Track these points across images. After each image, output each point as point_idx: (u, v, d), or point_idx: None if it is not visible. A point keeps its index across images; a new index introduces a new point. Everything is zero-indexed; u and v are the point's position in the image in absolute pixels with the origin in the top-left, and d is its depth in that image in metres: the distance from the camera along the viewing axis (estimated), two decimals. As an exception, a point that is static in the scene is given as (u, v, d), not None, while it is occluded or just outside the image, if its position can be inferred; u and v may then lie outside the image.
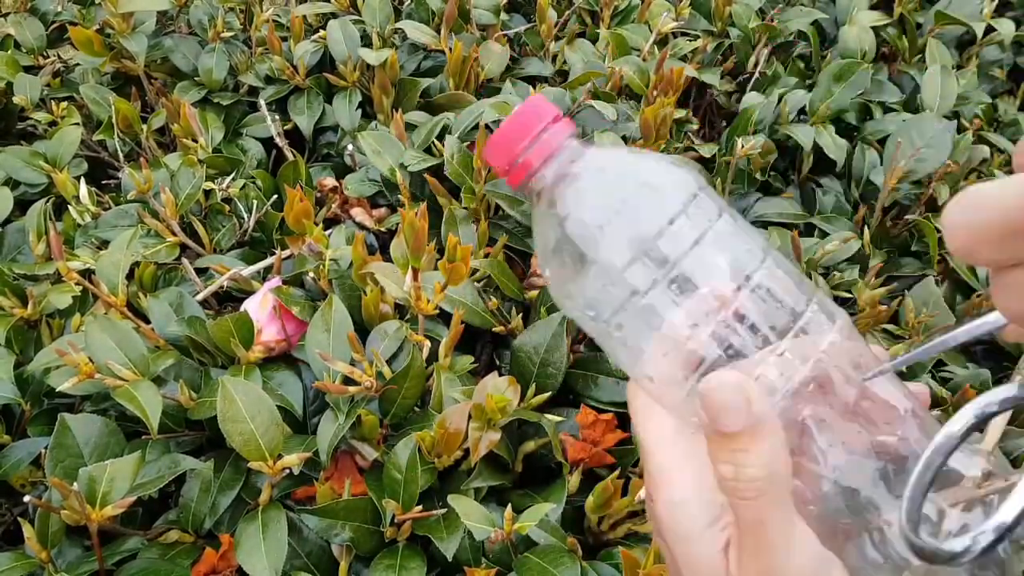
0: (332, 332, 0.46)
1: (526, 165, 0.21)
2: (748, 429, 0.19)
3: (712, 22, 0.79)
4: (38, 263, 0.55)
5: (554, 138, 0.21)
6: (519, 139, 0.21)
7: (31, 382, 0.48)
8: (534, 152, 0.21)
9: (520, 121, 0.21)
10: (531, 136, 0.21)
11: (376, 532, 0.42)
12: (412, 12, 0.74)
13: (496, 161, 0.22)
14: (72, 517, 0.38)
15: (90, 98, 0.68)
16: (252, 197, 0.61)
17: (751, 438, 0.19)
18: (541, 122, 0.21)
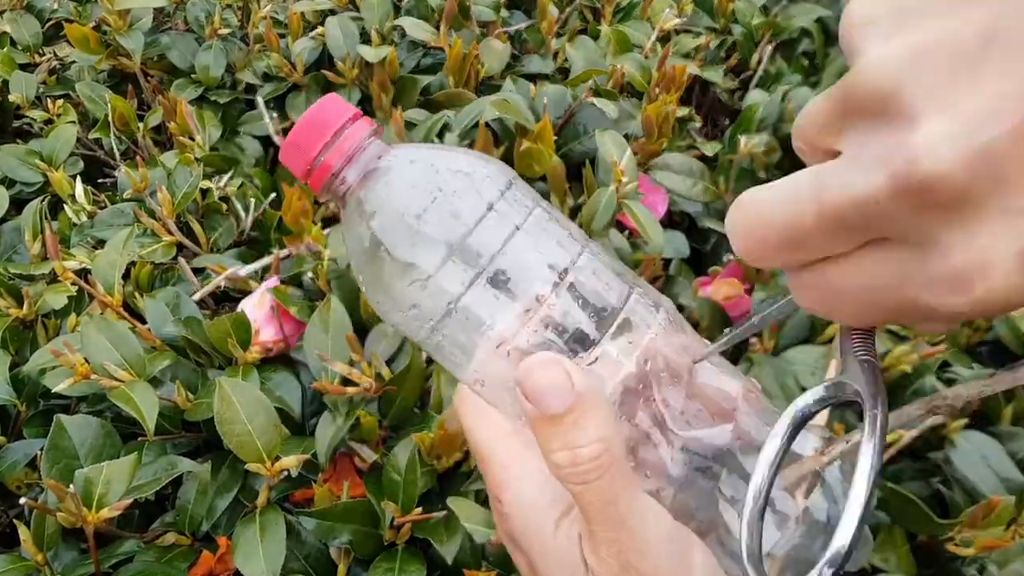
0: (331, 332, 0.45)
1: (326, 167, 0.20)
2: (575, 406, 0.18)
3: (715, 19, 0.79)
4: (34, 263, 0.54)
5: (353, 136, 0.20)
6: (316, 140, 0.19)
7: (27, 383, 0.47)
8: (333, 152, 0.19)
9: (316, 121, 0.20)
10: (328, 136, 0.19)
11: (375, 535, 0.42)
12: (411, 9, 0.74)
13: (294, 165, 0.20)
14: (68, 519, 0.38)
15: (86, 96, 0.68)
16: (250, 196, 0.60)
17: (580, 415, 0.18)
18: (338, 121, 0.20)
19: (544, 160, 0.54)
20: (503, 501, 0.21)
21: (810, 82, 0.74)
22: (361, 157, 0.20)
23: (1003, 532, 0.41)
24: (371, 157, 0.20)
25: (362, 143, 0.20)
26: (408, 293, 0.19)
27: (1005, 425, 0.48)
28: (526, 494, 0.20)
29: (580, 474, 0.18)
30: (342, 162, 0.20)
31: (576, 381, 0.18)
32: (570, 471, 0.18)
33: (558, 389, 0.18)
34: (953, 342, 0.52)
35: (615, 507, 0.18)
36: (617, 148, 0.54)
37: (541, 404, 0.18)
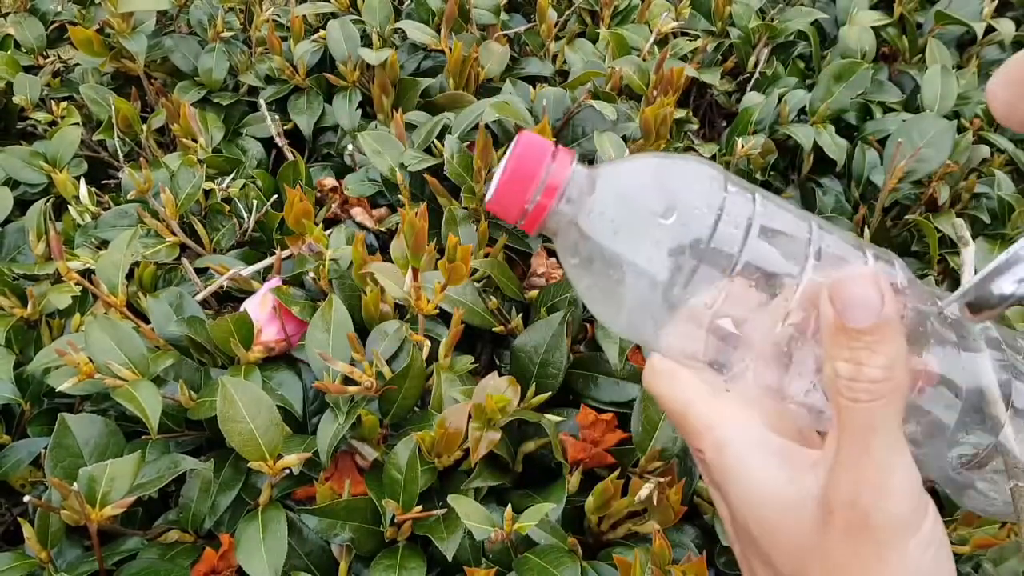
0: (332, 332, 0.46)
1: (540, 208, 0.20)
2: (876, 327, 0.18)
3: (712, 22, 0.79)
4: (38, 263, 0.55)
5: (560, 171, 0.20)
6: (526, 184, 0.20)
7: (31, 382, 0.48)
8: (544, 192, 0.20)
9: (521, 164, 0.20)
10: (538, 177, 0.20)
11: (376, 532, 0.42)
12: (412, 12, 0.74)
13: (505, 213, 0.21)
14: (72, 517, 0.38)
15: (90, 98, 0.68)
16: (252, 197, 0.61)
17: (878, 337, 0.18)
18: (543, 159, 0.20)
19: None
20: (703, 448, 0.20)
21: (806, 84, 0.75)
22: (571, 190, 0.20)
23: (998, 530, 0.41)
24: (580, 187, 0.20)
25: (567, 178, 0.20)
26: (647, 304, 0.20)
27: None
28: (727, 436, 0.20)
29: (855, 390, 0.18)
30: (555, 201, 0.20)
31: (887, 304, 0.18)
32: (847, 383, 0.18)
33: (868, 306, 0.18)
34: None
35: (873, 436, 0.18)
36: (615, 150, 0.54)
37: (845, 313, 0.18)
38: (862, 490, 0.18)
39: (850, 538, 0.18)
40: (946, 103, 0.69)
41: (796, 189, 0.71)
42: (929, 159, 0.64)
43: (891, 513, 0.18)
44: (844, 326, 0.18)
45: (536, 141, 0.21)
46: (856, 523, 0.18)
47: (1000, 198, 0.64)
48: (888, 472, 0.18)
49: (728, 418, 0.20)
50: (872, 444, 0.18)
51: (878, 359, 0.18)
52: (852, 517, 0.18)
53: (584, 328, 0.52)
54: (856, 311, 0.18)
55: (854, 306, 0.18)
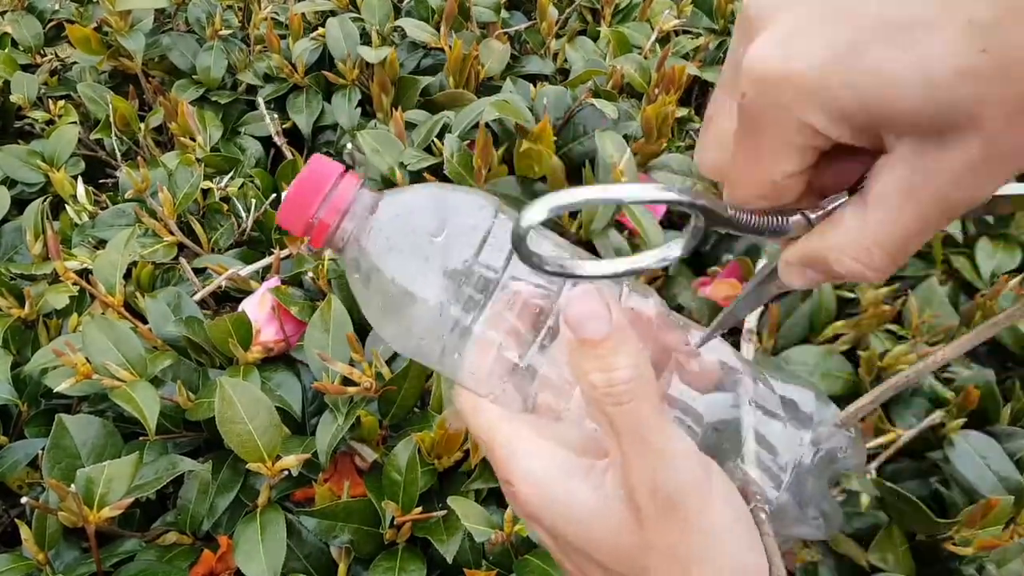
0: (331, 332, 0.46)
1: (323, 225, 0.21)
2: (612, 335, 0.19)
3: (714, 20, 0.79)
4: (35, 263, 0.55)
5: (345, 191, 0.21)
6: (310, 200, 0.21)
7: (28, 383, 0.47)
8: (327, 210, 0.21)
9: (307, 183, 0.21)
10: (321, 194, 0.21)
11: (375, 534, 0.42)
12: (412, 10, 0.74)
13: (292, 226, 0.22)
14: (70, 519, 0.38)
15: (87, 96, 0.68)
16: (251, 196, 0.60)
17: (616, 342, 0.19)
18: (329, 180, 0.21)
19: (544, 161, 0.54)
20: (513, 480, 0.21)
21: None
22: (353, 209, 0.22)
23: (1001, 532, 0.41)
24: (364, 210, 0.22)
25: (352, 197, 0.21)
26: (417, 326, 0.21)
27: (1003, 425, 0.48)
28: (534, 466, 0.21)
29: (615, 395, 0.19)
30: (338, 217, 0.21)
31: (614, 313, 0.20)
32: (605, 391, 0.19)
33: (598, 317, 0.20)
34: (951, 342, 0.52)
35: (648, 430, 0.19)
36: (617, 149, 0.54)
37: (581, 330, 0.19)
38: (655, 476, 0.19)
39: (665, 522, 0.19)
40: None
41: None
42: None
43: (683, 479, 0.20)
44: (584, 340, 0.20)
45: (325, 163, 0.22)
46: (662, 506, 0.19)
47: (1003, 197, 0.64)
48: (669, 450, 0.20)
49: (526, 445, 0.21)
50: (647, 436, 0.19)
51: (623, 359, 0.19)
52: (657, 503, 0.19)
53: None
54: (589, 325, 0.19)
55: (586, 322, 0.20)
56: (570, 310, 0.20)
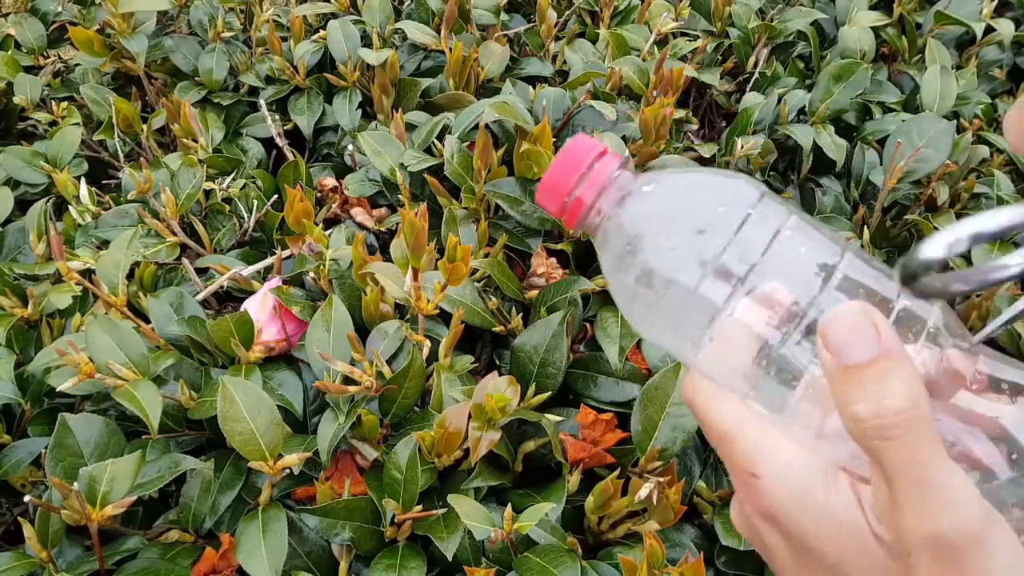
0: (332, 332, 0.46)
1: (579, 202, 0.21)
2: (880, 358, 0.17)
3: (712, 22, 0.79)
4: (38, 263, 0.55)
5: (604, 169, 0.21)
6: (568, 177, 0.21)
7: (31, 382, 0.48)
8: (585, 187, 0.21)
9: (567, 159, 0.21)
10: (579, 172, 0.21)
11: (376, 532, 0.42)
12: (412, 12, 0.74)
13: (550, 204, 0.21)
14: (72, 517, 0.38)
15: (90, 98, 0.68)
16: (252, 197, 0.61)
17: (886, 367, 0.17)
18: (588, 157, 0.21)
19: (543, 162, 0.54)
20: (761, 472, 0.19)
21: (806, 85, 0.75)
22: (610, 189, 0.21)
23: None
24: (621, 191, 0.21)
25: (611, 177, 0.21)
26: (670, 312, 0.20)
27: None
28: (788, 460, 0.19)
29: (884, 428, 0.17)
30: (594, 195, 0.21)
31: (883, 332, 0.17)
32: (873, 424, 0.17)
33: (863, 338, 0.17)
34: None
35: (925, 470, 0.17)
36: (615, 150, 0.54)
37: (843, 354, 0.17)
38: (934, 524, 0.17)
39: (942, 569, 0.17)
40: (945, 103, 0.69)
41: (795, 189, 0.71)
42: (928, 159, 0.64)
43: (966, 527, 0.17)
44: (846, 366, 0.17)
45: (587, 141, 0.21)
46: (940, 556, 0.17)
47: (999, 198, 0.65)
48: (951, 494, 0.17)
49: (782, 442, 0.19)
50: (923, 475, 0.17)
51: (895, 388, 0.17)
52: (934, 551, 0.17)
53: (584, 328, 0.52)
54: (853, 348, 0.17)
55: (849, 344, 0.17)
56: (831, 330, 0.17)
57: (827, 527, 0.19)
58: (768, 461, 0.19)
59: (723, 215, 0.20)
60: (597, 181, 0.21)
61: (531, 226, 0.56)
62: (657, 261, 0.20)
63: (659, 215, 0.20)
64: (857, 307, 0.18)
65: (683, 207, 0.20)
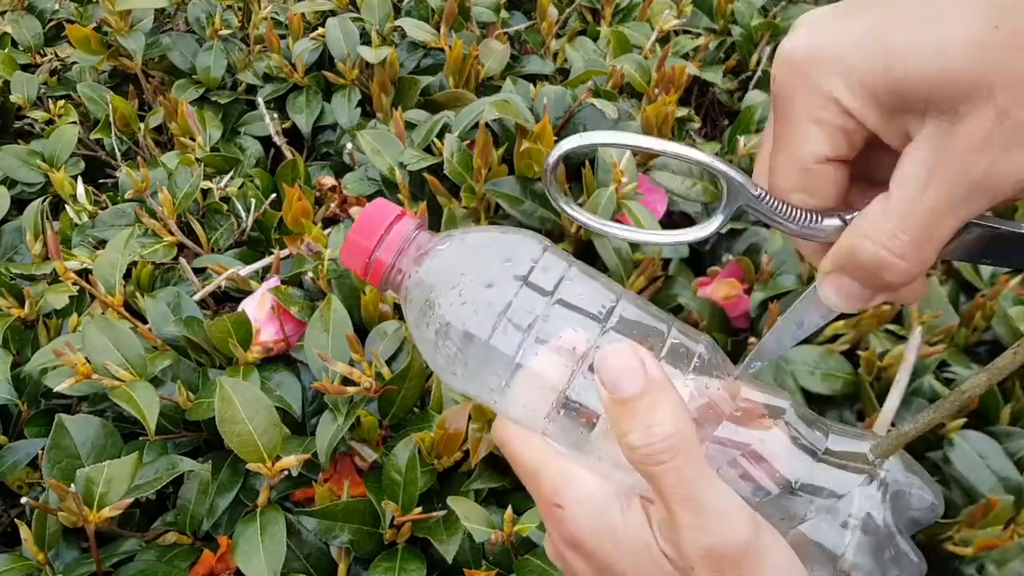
0: (331, 332, 0.46)
1: (380, 263, 0.22)
2: (647, 390, 0.19)
3: (714, 20, 0.79)
4: (35, 263, 0.55)
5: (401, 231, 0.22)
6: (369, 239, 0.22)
7: (28, 383, 0.47)
8: (384, 249, 0.22)
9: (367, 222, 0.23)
10: (378, 235, 0.22)
11: (375, 534, 0.42)
12: (411, 10, 0.74)
13: (353, 264, 0.23)
14: (69, 519, 0.38)
15: (87, 96, 0.68)
16: (250, 196, 0.60)
17: (653, 397, 0.19)
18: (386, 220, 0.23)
19: (544, 161, 0.54)
20: (564, 503, 0.21)
21: (809, 83, 0.74)
22: (408, 249, 0.23)
23: (1002, 532, 0.41)
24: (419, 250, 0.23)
25: (407, 237, 0.23)
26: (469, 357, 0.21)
27: (1003, 425, 0.48)
28: (588, 490, 0.21)
29: (656, 454, 0.18)
30: (393, 256, 0.23)
31: (649, 367, 0.19)
32: (645, 451, 0.19)
33: (631, 373, 0.19)
34: (951, 343, 0.52)
35: (695, 489, 0.19)
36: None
37: (616, 388, 0.19)
38: (705, 538, 0.19)
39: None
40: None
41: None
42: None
43: (735, 540, 0.19)
44: (619, 399, 0.19)
45: (385, 205, 0.23)
46: (715, 565, 0.19)
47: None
48: (719, 510, 0.19)
49: (582, 474, 0.21)
50: (694, 494, 0.19)
51: (662, 415, 0.19)
52: (709, 563, 0.19)
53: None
54: (623, 383, 0.19)
55: (620, 379, 0.19)
56: (602, 367, 0.19)
57: (624, 548, 0.20)
58: (569, 492, 0.21)
59: (509, 268, 0.22)
60: (395, 242, 0.22)
61: (531, 226, 0.55)
62: (452, 315, 0.21)
63: (452, 271, 0.22)
64: (625, 346, 0.20)
65: (473, 263, 0.22)
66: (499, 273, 0.21)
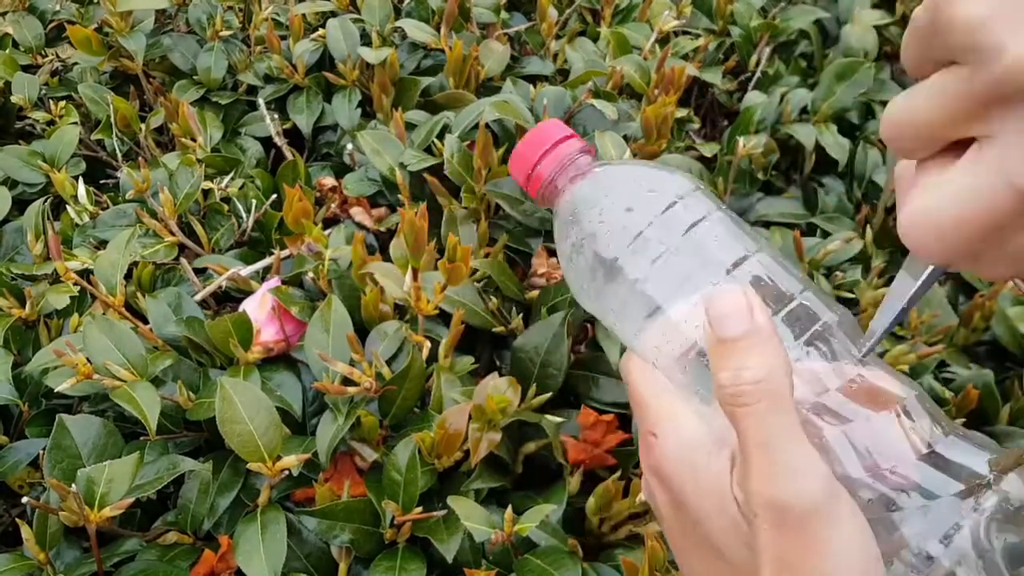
0: (331, 332, 0.46)
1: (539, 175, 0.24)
2: (748, 334, 0.19)
3: (714, 20, 0.79)
4: (36, 263, 0.55)
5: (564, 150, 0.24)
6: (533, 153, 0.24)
7: (29, 383, 0.47)
8: (546, 163, 0.24)
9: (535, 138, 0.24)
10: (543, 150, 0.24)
11: (376, 534, 0.42)
12: (412, 11, 0.74)
13: (516, 174, 0.25)
14: (70, 518, 0.38)
15: (88, 97, 0.68)
16: (251, 197, 0.60)
17: (750, 343, 0.19)
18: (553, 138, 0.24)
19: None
20: (658, 433, 0.21)
21: (808, 84, 0.75)
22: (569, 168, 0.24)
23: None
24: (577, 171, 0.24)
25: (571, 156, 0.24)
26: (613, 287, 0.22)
27: (1002, 424, 0.48)
28: (683, 427, 0.21)
29: (741, 395, 0.19)
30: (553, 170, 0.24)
31: (756, 312, 0.19)
32: (731, 391, 0.19)
33: (737, 315, 0.19)
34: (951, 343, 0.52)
35: (774, 438, 0.18)
36: (616, 149, 0.54)
37: (719, 327, 0.19)
38: (772, 489, 0.18)
39: (781, 535, 0.18)
40: (948, 102, 0.69)
41: (798, 189, 0.70)
42: (931, 158, 0.63)
43: (809, 498, 0.18)
44: (720, 337, 0.19)
45: (555, 124, 0.25)
46: (777, 518, 0.18)
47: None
48: (792, 465, 0.18)
49: (686, 412, 0.22)
50: (772, 443, 0.18)
51: (757, 360, 0.19)
52: (772, 514, 0.18)
53: (584, 328, 0.52)
54: (727, 322, 0.19)
55: (724, 317, 0.19)
56: (712, 304, 0.19)
57: (700, 489, 0.21)
58: (667, 425, 0.22)
59: (652, 198, 0.22)
60: (556, 159, 0.24)
61: (531, 226, 0.55)
62: (588, 230, 0.23)
63: (599, 192, 0.23)
64: (737, 288, 0.20)
65: (620, 187, 0.23)
66: (641, 201, 0.22)
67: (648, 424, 0.22)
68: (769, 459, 0.18)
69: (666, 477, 0.21)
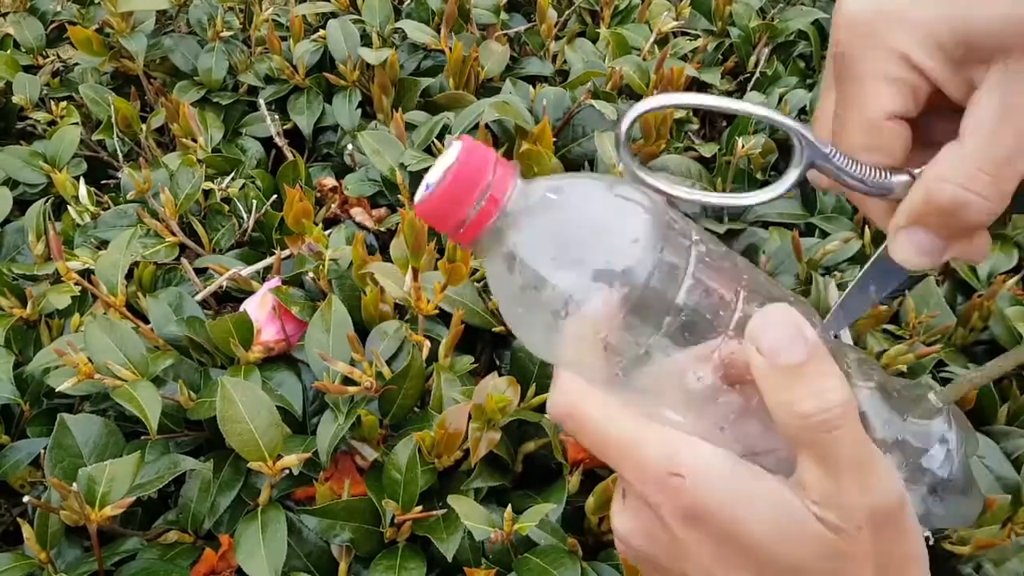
0: (332, 332, 0.46)
1: (484, 215, 0.19)
2: (813, 356, 0.17)
3: (712, 21, 0.79)
4: (37, 263, 0.55)
5: (504, 180, 0.20)
6: (469, 190, 0.19)
7: (30, 382, 0.47)
8: (487, 200, 0.19)
9: (465, 169, 0.19)
10: (480, 188, 0.19)
11: (376, 533, 0.42)
12: (412, 12, 0.74)
13: (442, 221, 0.20)
14: (71, 517, 0.38)
15: (89, 98, 0.68)
16: (251, 197, 0.61)
17: (818, 363, 0.18)
18: (488, 167, 0.19)
19: (543, 162, 0.54)
20: (685, 470, 0.19)
21: (807, 84, 0.75)
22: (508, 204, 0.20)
23: (999, 531, 0.41)
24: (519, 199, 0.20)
25: (512, 186, 0.20)
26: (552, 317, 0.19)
27: (1000, 424, 0.48)
28: (711, 454, 0.19)
29: (832, 419, 0.17)
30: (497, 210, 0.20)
31: (807, 331, 0.18)
32: (820, 418, 0.17)
33: (796, 339, 0.18)
34: (948, 342, 0.52)
35: (862, 452, 0.18)
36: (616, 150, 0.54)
37: (779, 356, 0.17)
38: (874, 498, 0.19)
39: (881, 533, 0.19)
40: (947, 103, 0.69)
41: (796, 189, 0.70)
42: (930, 159, 0.63)
43: (897, 494, 0.19)
44: (783, 366, 0.18)
45: (481, 148, 0.20)
46: (881, 521, 0.19)
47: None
48: (880, 467, 0.19)
49: (692, 438, 0.19)
50: (862, 457, 0.18)
51: (830, 383, 0.18)
52: (877, 518, 0.18)
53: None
54: (789, 348, 0.18)
55: (784, 344, 0.18)
56: (763, 333, 0.18)
57: (760, 514, 0.18)
58: (690, 458, 0.19)
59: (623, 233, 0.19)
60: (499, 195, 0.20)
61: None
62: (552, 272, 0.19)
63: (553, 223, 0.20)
64: (781, 309, 0.18)
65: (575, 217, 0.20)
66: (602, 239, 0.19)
67: (659, 464, 0.19)
68: (864, 472, 0.18)
69: (708, 514, 0.19)
